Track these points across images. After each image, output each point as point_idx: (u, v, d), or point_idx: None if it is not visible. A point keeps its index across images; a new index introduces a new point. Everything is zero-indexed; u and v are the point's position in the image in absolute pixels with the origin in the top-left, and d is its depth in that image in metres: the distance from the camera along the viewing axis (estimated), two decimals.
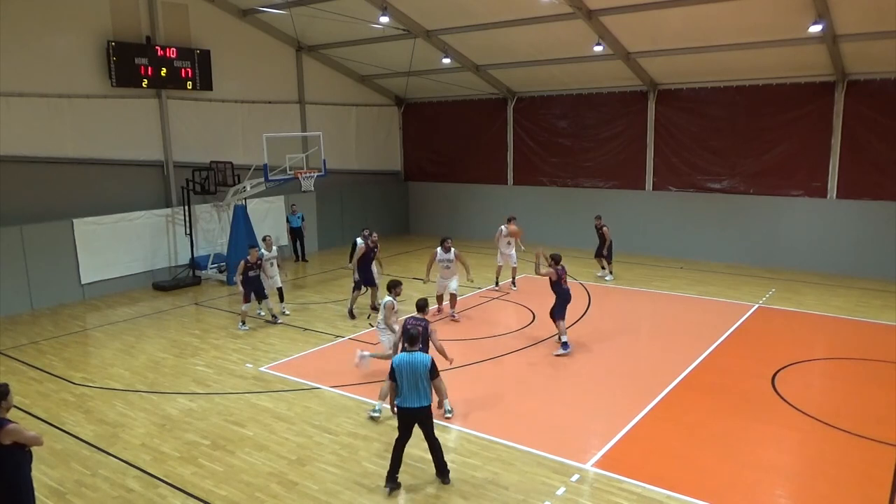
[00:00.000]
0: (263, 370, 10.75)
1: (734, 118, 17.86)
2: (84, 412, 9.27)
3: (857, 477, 7.25)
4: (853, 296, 14.65)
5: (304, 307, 14.48)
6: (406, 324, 8.70)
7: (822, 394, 9.79)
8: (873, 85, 16.01)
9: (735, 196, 18.13)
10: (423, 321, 8.77)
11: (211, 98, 18.05)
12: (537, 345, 11.72)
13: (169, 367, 10.99)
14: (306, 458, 7.81)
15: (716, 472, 7.40)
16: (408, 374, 6.99)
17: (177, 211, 17.35)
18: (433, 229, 23.79)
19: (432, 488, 7.08)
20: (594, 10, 15.12)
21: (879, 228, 16.13)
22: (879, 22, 13.51)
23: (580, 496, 6.91)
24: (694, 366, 10.54)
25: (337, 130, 21.55)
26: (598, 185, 20.37)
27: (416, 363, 7.05)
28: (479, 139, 22.63)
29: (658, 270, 17.55)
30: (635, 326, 12.88)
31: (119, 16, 16.12)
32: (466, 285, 16.12)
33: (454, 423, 8.66)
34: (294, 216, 19.44)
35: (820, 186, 17.00)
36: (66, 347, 12.20)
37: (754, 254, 17.83)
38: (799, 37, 14.43)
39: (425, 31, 17.76)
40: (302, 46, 20.46)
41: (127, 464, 7.77)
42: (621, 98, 19.61)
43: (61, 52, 15.24)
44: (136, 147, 16.82)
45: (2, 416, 5.33)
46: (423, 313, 8.96)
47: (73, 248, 15.37)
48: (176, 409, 9.28)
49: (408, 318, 8.94)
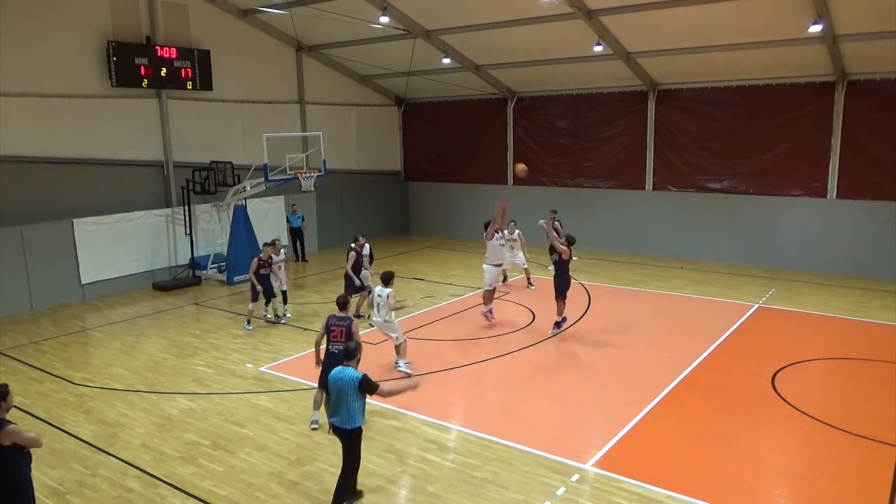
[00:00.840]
0: (263, 370, 10.75)
1: (734, 118, 17.86)
2: (84, 412, 9.27)
3: (857, 477, 7.24)
4: (853, 296, 14.65)
5: (305, 307, 14.47)
6: (329, 324, 8.08)
7: (822, 394, 9.77)
8: (873, 85, 16.00)
9: (735, 196, 18.13)
10: (347, 319, 8.11)
11: (211, 98, 18.04)
12: (537, 345, 11.72)
13: (169, 368, 10.99)
14: (306, 458, 7.81)
15: (716, 472, 7.40)
16: (334, 391, 6.53)
17: (177, 211, 17.35)
18: (433, 229, 23.82)
19: (433, 488, 7.08)
20: (594, 10, 15.12)
21: (880, 228, 16.13)
22: (879, 22, 13.51)
23: (580, 496, 6.91)
24: (694, 366, 10.53)
25: (337, 130, 21.55)
26: (598, 185, 20.37)
27: (343, 380, 6.44)
28: (479, 139, 22.63)
29: (658, 270, 17.55)
30: (635, 326, 12.87)
31: (119, 16, 16.12)
32: (464, 285, 16.13)
33: (454, 423, 8.66)
34: (294, 216, 19.42)
35: (820, 186, 17.00)
36: (66, 347, 12.20)
37: (754, 254, 17.83)
38: (799, 37, 14.43)
39: (425, 31, 17.76)
40: (302, 46, 20.46)
41: (127, 464, 7.77)
42: (621, 98, 19.61)
43: (61, 52, 15.24)
44: (136, 147, 16.82)
45: (1, 417, 5.33)
46: (344, 311, 8.32)
47: (74, 248, 15.37)
48: (176, 409, 9.27)
49: (329, 317, 8.18)
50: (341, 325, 8.06)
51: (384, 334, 10.64)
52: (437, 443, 8.09)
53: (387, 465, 7.62)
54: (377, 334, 11.15)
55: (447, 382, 10.11)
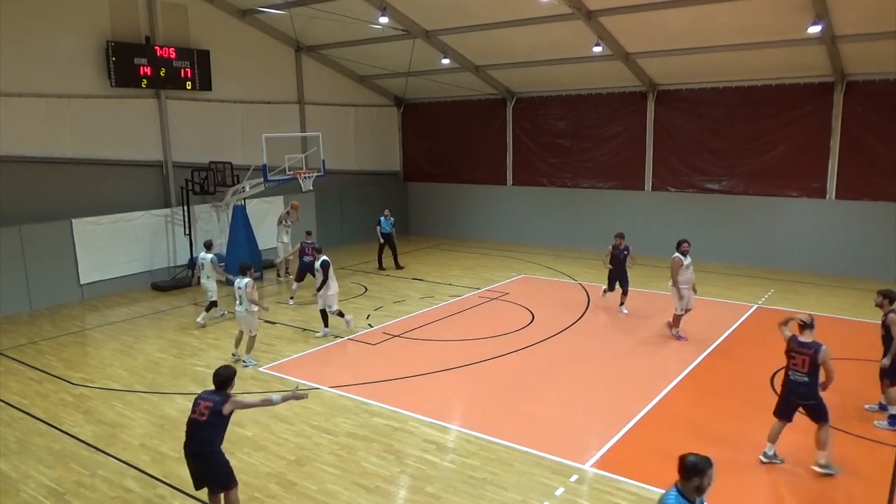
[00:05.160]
0: (263, 370, 10.74)
1: (733, 119, 17.86)
2: (83, 412, 9.27)
3: (856, 477, 7.25)
4: (852, 296, 14.65)
5: (304, 307, 14.46)
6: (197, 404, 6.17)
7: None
8: (872, 86, 16.01)
9: (734, 197, 18.14)
10: (221, 397, 6.11)
11: (210, 98, 18.04)
12: (537, 345, 11.72)
13: (168, 368, 10.99)
14: (305, 459, 7.81)
15: (715, 472, 7.39)
16: None
17: (176, 211, 17.34)
18: (433, 229, 23.82)
19: (432, 488, 7.08)
20: (593, 11, 15.13)
21: (879, 229, 16.14)
22: (878, 23, 13.52)
23: (579, 496, 6.91)
24: (693, 366, 10.54)
25: (336, 131, 21.55)
26: (598, 185, 20.38)
27: None
28: (478, 139, 22.64)
29: (657, 271, 17.54)
30: (634, 327, 12.88)
31: (118, 16, 16.11)
32: (463, 286, 16.13)
33: (453, 424, 8.65)
34: (386, 220, 18.15)
35: (819, 187, 17.01)
36: (65, 348, 12.19)
37: (753, 254, 17.84)
38: (798, 37, 14.43)
39: (424, 31, 17.76)
40: (301, 47, 20.46)
41: (126, 464, 7.76)
42: (620, 99, 19.62)
43: (60, 53, 15.23)
44: (136, 147, 16.81)
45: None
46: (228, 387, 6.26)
47: (73, 248, 15.36)
48: (175, 410, 9.27)
49: (202, 393, 6.33)
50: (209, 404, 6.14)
51: (241, 326, 11.06)
52: (437, 443, 8.09)
53: (385, 465, 7.62)
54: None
55: (446, 383, 10.11)
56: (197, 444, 5.94)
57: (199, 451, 5.95)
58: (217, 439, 6.02)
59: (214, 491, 6.08)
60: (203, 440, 5.94)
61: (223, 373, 6.21)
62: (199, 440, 5.94)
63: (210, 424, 5.93)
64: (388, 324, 13.15)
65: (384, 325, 13.08)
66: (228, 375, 6.21)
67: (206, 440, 5.95)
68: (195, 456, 5.97)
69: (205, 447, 5.95)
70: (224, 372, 6.23)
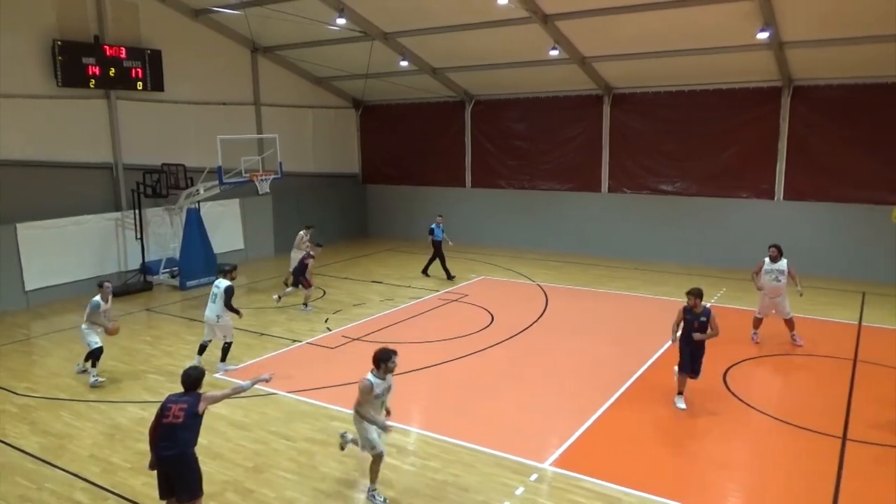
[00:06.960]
0: (219, 377, 10.51)
1: (686, 122, 18.29)
2: (28, 423, 8.92)
3: (804, 469, 7.49)
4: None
5: (261, 311, 14.23)
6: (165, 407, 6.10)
7: (770, 389, 10.14)
8: (818, 90, 16.61)
9: (687, 198, 18.57)
10: (192, 398, 6.11)
11: (162, 99, 17.61)
12: (496, 346, 11.77)
13: (119, 375, 10.67)
14: (263, 466, 7.67)
15: (671, 468, 7.55)
16: None
17: (127, 215, 16.87)
18: (391, 232, 23.74)
19: (393, 492, 7.03)
20: (550, 15, 15.30)
21: (824, 229, 16.73)
22: (823, 30, 14.05)
23: (539, 495, 6.95)
24: (649, 364, 10.73)
25: (293, 133, 21.30)
26: (555, 187, 20.61)
27: None
28: (437, 142, 22.66)
29: (614, 271, 17.83)
30: (592, 327, 13.04)
31: (65, 14, 15.61)
32: (422, 287, 16.11)
33: (413, 426, 8.61)
34: (438, 227, 17.19)
35: (767, 188, 17.55)
36: (8, 357, 11.72)
37: (707, 254, 18.27)
38: (747, 43, 14.86)
39: (383, 33, 17.70)
40: (257, 47, 20.16)
41: (74, 476, 7.50)
42: (577, 101, 19.89)
43: (4, 52, 14.65)
44: (84, 149, 16.29)
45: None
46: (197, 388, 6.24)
47: (17, 253, 14.80)
48: (126, 419, 9.00)
49: (169, 397, 6.22)
50: (180, 408, 6.06)
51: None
52: (397, 446, 8.03)
53: (345, 469, 7.54)
54: None
55: (406, 385, 10.03)
56: (176, 446, 5.89)
57: (179, 452, 5.89)
58: (194, 439, 6.04)
59: (181, 499, 5.97)
60: (183, 441, 5.93)
61: (193, 374, 6.23)
62: (178, 442, 5.90)
63: (187, 426, 5.94)
64: (347, 327, 13.03)
65: (343, 328, 12.96)
66: (198, 376, 6.24)
67: (186, 441, 5.96)
68: (172, 459, 5.90)
69: (186, 448, 5.95)
70: (194, 373, 6.24)
